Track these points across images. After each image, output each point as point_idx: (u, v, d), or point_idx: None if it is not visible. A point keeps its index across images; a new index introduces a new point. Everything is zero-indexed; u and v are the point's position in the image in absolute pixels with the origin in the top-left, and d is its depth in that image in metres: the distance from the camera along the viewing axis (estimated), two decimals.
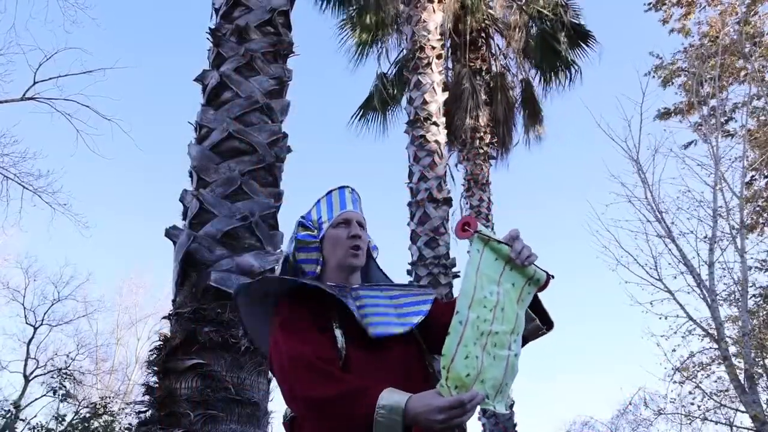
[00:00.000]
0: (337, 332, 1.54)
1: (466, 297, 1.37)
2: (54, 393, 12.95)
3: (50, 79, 12.44)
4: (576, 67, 11.19)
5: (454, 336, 1.33)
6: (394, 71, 11.54)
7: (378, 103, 11.26)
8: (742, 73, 11.81)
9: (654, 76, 12.42)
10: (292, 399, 1.47)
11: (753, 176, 11.18)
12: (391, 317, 1.62)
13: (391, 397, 1.32)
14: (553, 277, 1.52)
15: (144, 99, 33.76)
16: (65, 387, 12.88)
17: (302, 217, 1.81)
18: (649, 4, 12.97)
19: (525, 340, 1.58)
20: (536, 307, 1.57)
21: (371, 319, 1.58)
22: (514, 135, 12.24)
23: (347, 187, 1.84)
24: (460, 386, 1.30)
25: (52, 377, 13.78)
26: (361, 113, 11.49)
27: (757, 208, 11.12)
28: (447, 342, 1.32)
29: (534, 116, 12.12)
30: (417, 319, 1.64)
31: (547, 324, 1.60)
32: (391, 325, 1.59)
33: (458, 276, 8.00)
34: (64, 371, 13.96)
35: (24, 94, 12.28)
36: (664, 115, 12.28)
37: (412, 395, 1.32)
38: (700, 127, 11.21)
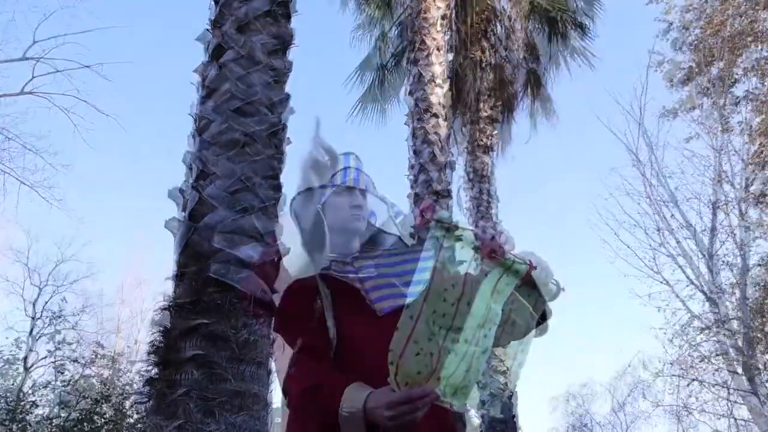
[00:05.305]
0: (328, 314, 1.50)
1: (421, 290, 1.29)
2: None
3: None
4: (577, 56, 11.18)
5: (403, 331, 1.25)
6: (393, 62, 11.50)
7: (377, 93, 11.23)
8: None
9: (657, 70, 12.35)
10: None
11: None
12: (398, 287, 1.55)
13: (354, 394, 1.29)
14: (535, 268, 1.39)
15: (143, 93, 33.68)
16: (60, 332, 12.99)
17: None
18: None
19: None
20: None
21: (378, 293, 1.52)
22: (514, 125, 12.23)
23: (351, 153, 1.81)
24: (411, 383, 1.24)
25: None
26: (360, 104, 11.46)
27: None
28: (395, 337, 1.24)
29: (536, 106, 12.08)
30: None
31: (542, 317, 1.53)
32: (399, 297, 1.50)
33: None
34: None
35: (23, 88, 12.30)
36: (669, 112, 12.15)
37: (373, 391, 1.28)
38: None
